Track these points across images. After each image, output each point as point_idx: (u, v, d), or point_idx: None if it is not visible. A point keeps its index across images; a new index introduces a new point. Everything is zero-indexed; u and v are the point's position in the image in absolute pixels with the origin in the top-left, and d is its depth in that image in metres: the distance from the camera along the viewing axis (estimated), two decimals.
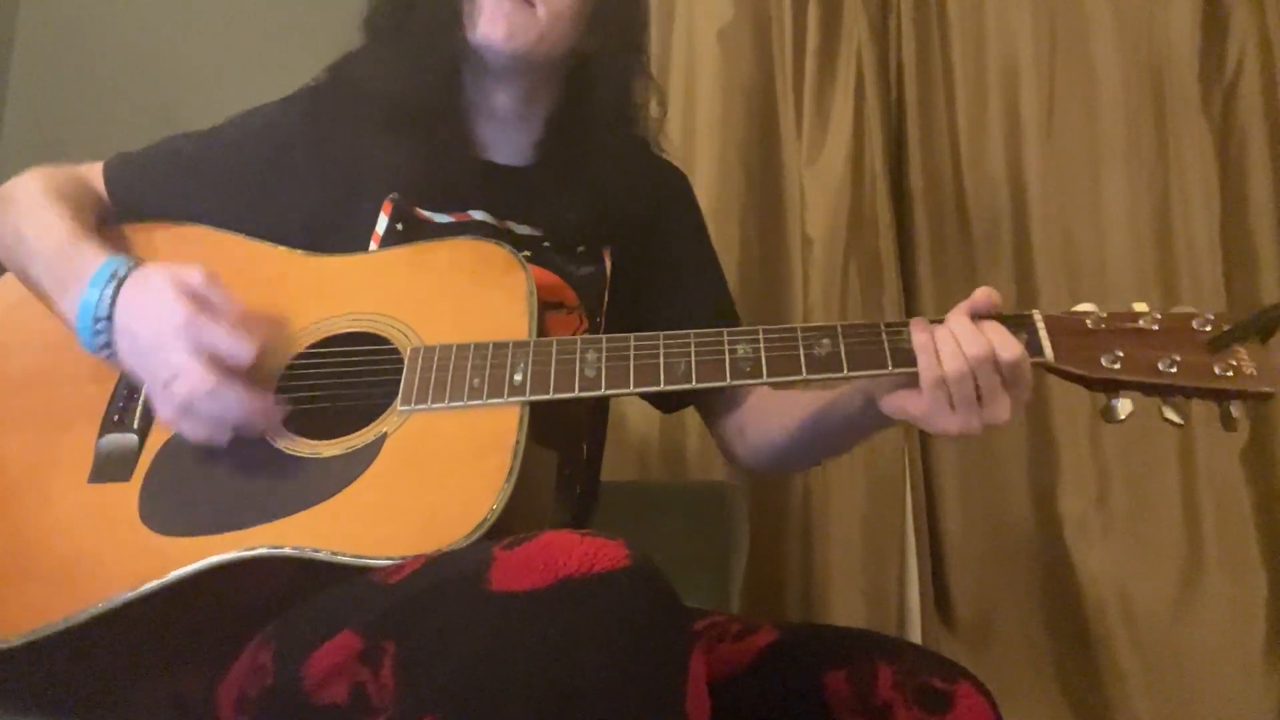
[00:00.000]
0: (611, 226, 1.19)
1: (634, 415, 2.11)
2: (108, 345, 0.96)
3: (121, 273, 0.97)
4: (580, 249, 1.18)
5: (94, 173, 1.18)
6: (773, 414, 1.16)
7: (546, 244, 1.16)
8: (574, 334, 1.12)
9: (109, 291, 0.96)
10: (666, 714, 0.67)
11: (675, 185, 1.34)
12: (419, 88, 1.11)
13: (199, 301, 0.94)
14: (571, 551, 0.69)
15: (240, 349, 0.92)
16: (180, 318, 0.92)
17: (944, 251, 2.06)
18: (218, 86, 1.23)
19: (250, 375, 0.94)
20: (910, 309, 2.05)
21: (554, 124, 1.18)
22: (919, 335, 0.90)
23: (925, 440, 2.04)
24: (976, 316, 0.90)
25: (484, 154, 1.20)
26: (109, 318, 0.95)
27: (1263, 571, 1.83)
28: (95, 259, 0.99)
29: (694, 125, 2.16)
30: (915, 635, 1.96)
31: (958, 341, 0.87)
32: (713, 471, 2.04)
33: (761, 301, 2.07)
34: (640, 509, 1.74)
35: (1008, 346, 0.87)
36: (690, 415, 2.06)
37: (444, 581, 0.74)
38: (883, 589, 1.96)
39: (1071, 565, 1.91)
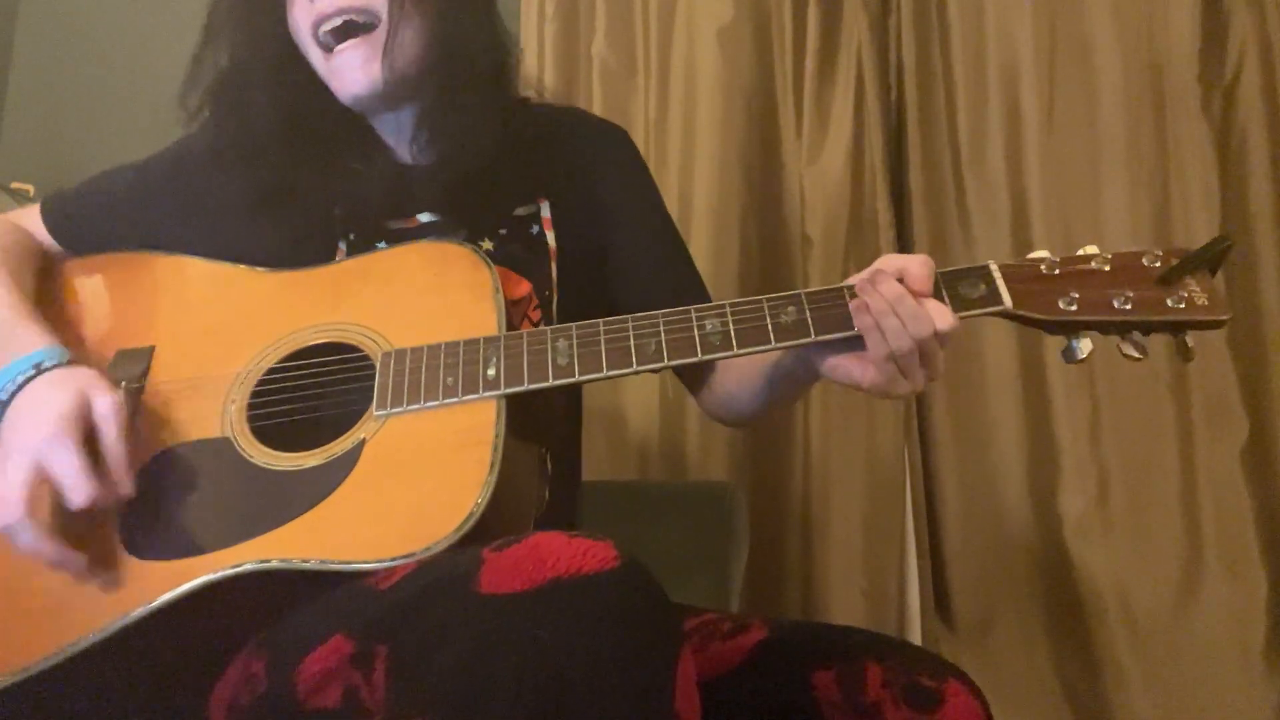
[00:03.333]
0: (548, 188, 1.19)
1: (634, 415, 2.11)
2: None
3: (46, 365, 0.96)
4: (534, 229, 1.18)
5: (31, 217, 1.18)
6: (733, 370, 1.18)
7: (502, 231, 1.16)
8: (529, 321, 1.12)
9: (22, 379, 0.95)
10: (655, 714, 0.67)
11: (610, 141, 1.31)
12: (309, 151, 1.12)
13: (83, 427, 0.91)
14: (560, 553, 0.69)
15: (76, 492, 0.88)
16: (42, 434, 0.89)
17: (944, 251, 2.05)
18: None
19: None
20: None
21: (426, 120, 1.15)
22: (862, 318, 0.91)
23: (925, 440, 2.05)
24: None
25: (400, 160, 1.20)
26: (7, 403, 0.94)
27: (1263, 571, 1.82)
28: (31, 342, 0.98)
29: (694, 125, 2.16)
30: (915, 635, 1.97)
31: (903, 323, 0.89)
32: (713, 471, 2.05)
33: None
34: (640, 509, 1.74)
35: (944, 319, 0.91)
36: (690, 416, 2.09)
37: (434, 584, 0.74)
38: (883, 589, 1.97)
39: (1071, 565, 1.91)
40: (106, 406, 0.93)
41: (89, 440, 0.91)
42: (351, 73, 1.09)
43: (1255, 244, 1.88)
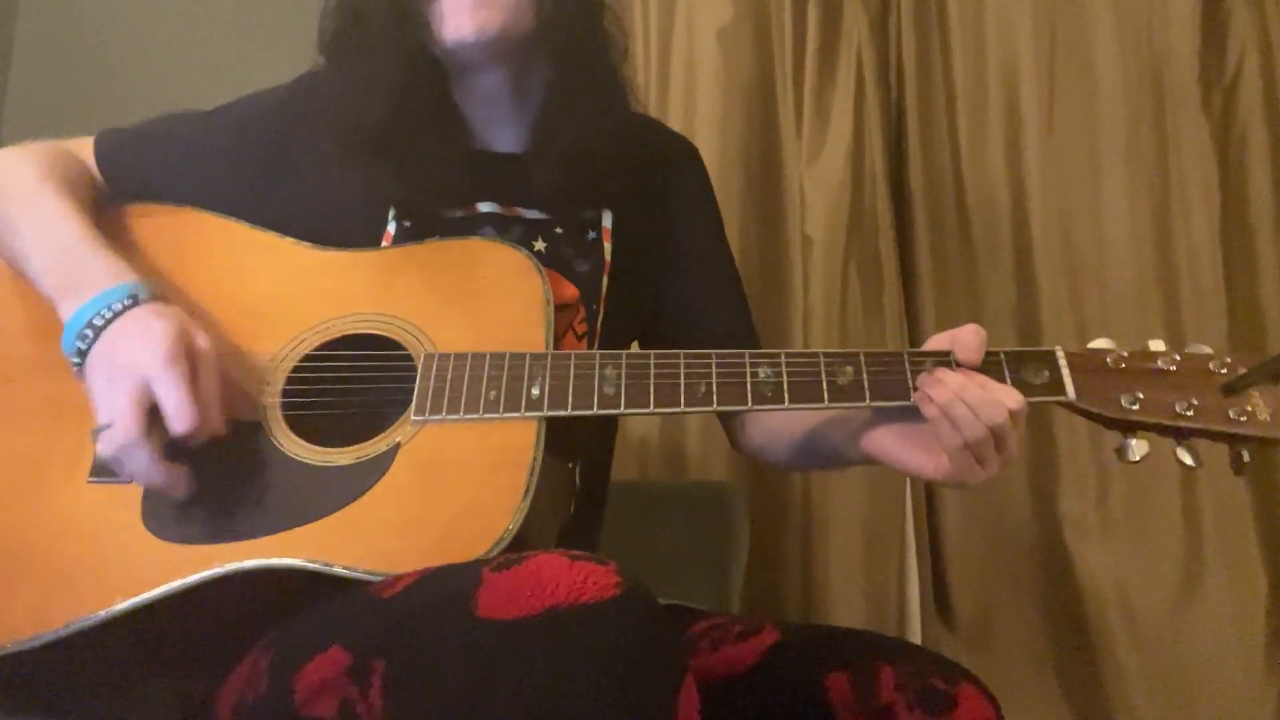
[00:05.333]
0: (614, 199, 1.18)
1: (633, 416, 2.10)
2: (81, 354, 0.92)
3: (142, 297, 0.95)
4: (590, 235, 1.16)
5: (85, 149, 1.14)
6: (775, 420, 1.16)
7: (558, 230, 1.15)
8: (572, 334, 1.11)
9: (120, 307, 0.93)
10: None
11: (683, 159, 1.32)
12: (392, 108, 1.08)
13: (187, 359, 0.91)
14: (560, 579, 0.68)
15: (181, 418, 0.88)
16: (152, 358, 0.89)
17: (944, 251, 2.05)
18: (218, 82, 1.23)
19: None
20: (910, 309, 2.05)
21: (548, 104, 1.14)
22: (928, 409, 0.90)
23: None
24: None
25: (479, 144, 1.18)
26: (102, 328, 0.92)
27: (1263, 572, 1.82)
28: (115, 274, 0.96)
29: (694, 125, 2.16)
30: (915, 635, 1.96)
31: (973, 410, 0.88)
32: (713, 471, 2.04)
33: (761, 302, 2.06)
34: (640, 509, 1.74)
35: (1013, 399, 0.89)
36: (690, 416, 2.09)
37: (433, 601, 0.73)
38: (883, 589, 1.96)
39: (1071, 565, 1.91)
40: (206, 343, 0.93)
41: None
42: (465, 13, 1.04)
43: (1255, 244, 1.88)
